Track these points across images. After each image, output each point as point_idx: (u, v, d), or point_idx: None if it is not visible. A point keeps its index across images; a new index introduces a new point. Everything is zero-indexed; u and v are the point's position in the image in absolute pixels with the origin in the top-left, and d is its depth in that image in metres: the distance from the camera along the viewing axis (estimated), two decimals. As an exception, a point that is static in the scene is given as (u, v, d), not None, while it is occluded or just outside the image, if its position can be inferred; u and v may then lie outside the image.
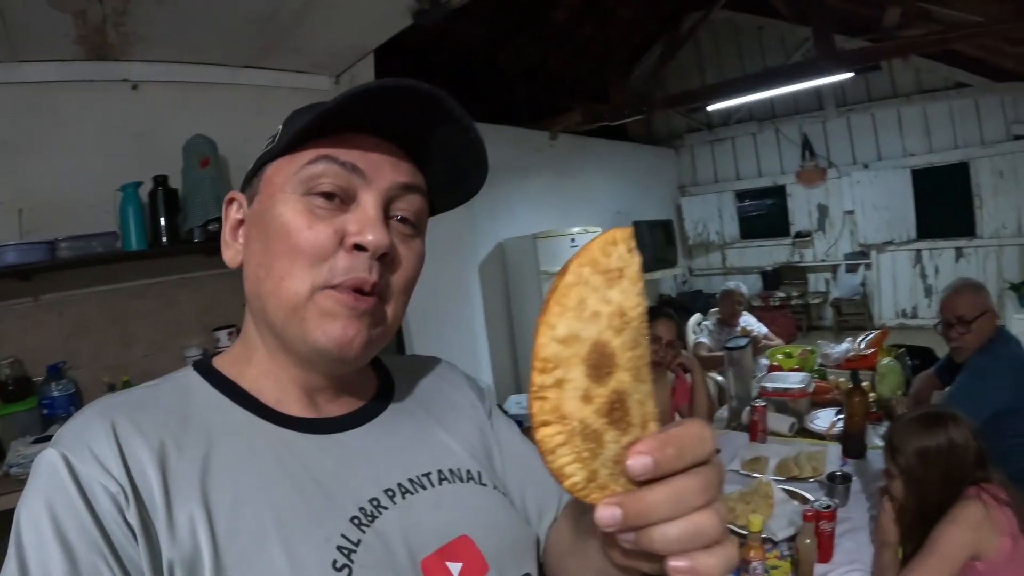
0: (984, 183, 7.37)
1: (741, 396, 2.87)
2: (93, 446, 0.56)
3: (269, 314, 0.64)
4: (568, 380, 0.38)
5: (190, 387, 0.66)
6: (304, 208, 0.62)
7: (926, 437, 1.61)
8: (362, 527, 0.61)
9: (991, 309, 2.40)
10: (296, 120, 0.65)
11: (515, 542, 0.70)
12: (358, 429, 0.69)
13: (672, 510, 0.38)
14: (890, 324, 8.05)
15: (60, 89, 2.73)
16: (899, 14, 5.97)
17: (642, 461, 0.37)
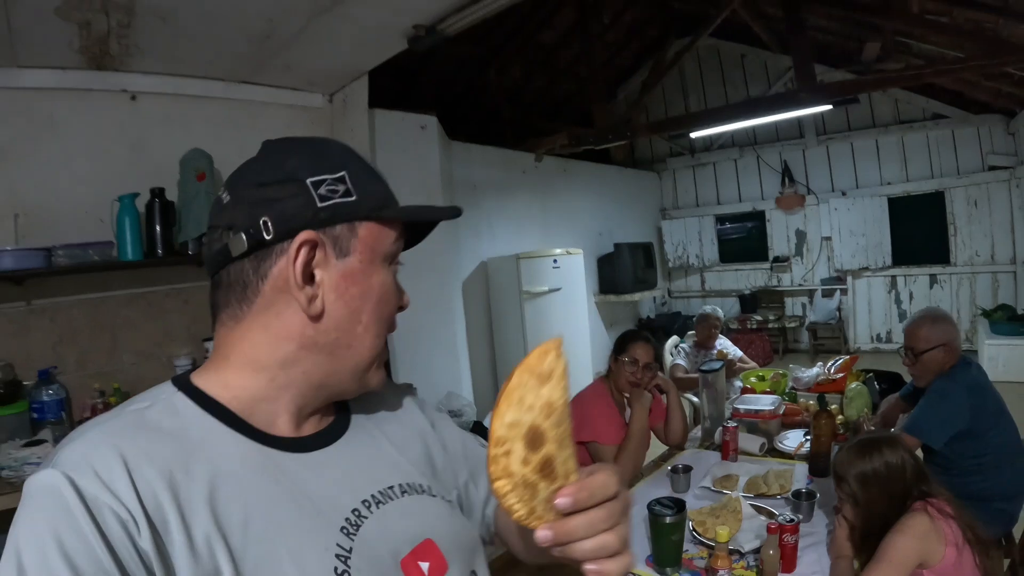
0: (959, 212, 7.58)
1: (714, 417, 2.95)
2: (100, 470, 0.57)
3: (348, 359, 0.74)
4: (513, 451, 0.56)
5: (179, 409, 0.68)
6: (393, 279, 0.77)
7: (863, 463, 1.72)
8: (351, 535, 0.68)
9: (948, 343, 2.48)
10: (364, 178, 0.75)
11: (465, 543, 0.81)
12: (330, 447, 0.76)
13: (585, 532, 0.57)
14: (865, 348, 8.23)
15: (58, 96, 2.78)
16: (878, 48, 6.16)
17: (565, 501, 0.56)
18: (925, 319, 2.58)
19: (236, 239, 0.69)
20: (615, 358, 2.74)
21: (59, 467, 0.57)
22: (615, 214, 8.54)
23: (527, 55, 6.98)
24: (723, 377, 3.10)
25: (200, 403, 0.69)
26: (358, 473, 0.76)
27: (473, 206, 5.88)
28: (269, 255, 0.70)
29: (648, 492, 2.33)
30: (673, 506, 1.79)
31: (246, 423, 0.69)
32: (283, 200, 0.69)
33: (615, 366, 2.74)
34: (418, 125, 4.46)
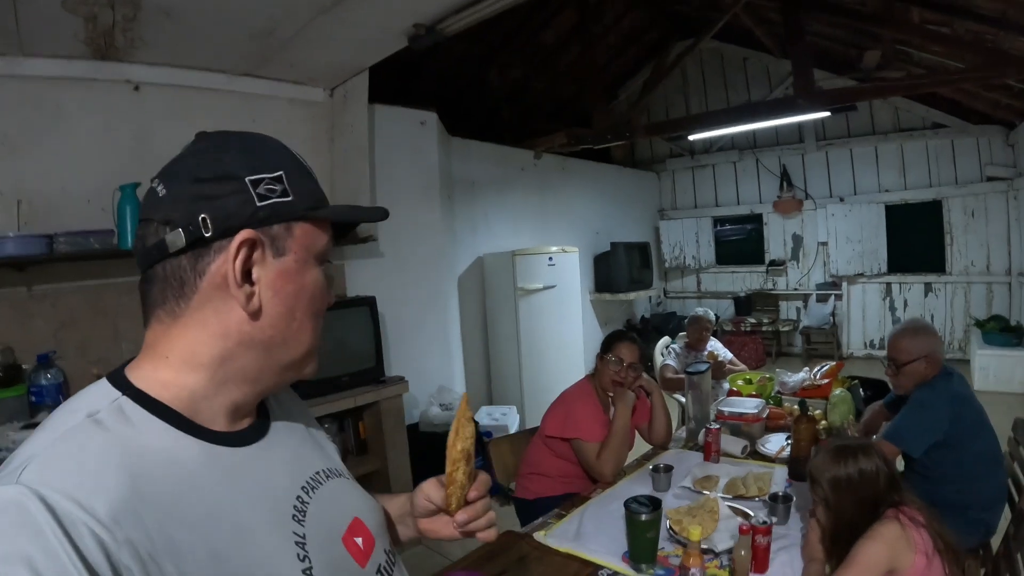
0: (956, 221, 7.58)
1: (699, 418, 2.99)
2: (68, 485, 0.56)
3: (284, 354, 0.76)
4: (460, 467, 0.92)
5: (127, 414, 0.66)
6: (323, 277, 0.79)
7: (837, 468, 1.75)
8: (301, 522, 0.74)
9: (929, 355, 2.47)
10: (300, 179, 0.76)
11: (380, 517, 0.93)
12: (264, 440, 0.79)
13: (482, 512, 0.94)
14: (858, 354, 8.26)
15: (63, 85, 2.82)
16: (879, 56, 6.18)
17: (475, 495, 0.94)
18: (907, 331, 2.59)
19: (174, 235, 0.68)
20: (600, 357, 2.78)
21: (24, 483, 0.55)
22: (613, 213, 8.54)
23: (527, 55, 6.97)
24: (708, 379, 3.15)
25: (145, 406, 0.68)
26: (293, 461, 0.81)
27: (471, 202, 5.91)
28: (207, 252, 0.70)
29: (629, 489, 2.37)
30: (649, 504, 1.84)
31: (192, 423, 0.70)
32: (222, 198, 0.69)
33: (600, 365, 2.78)
34: (418, 121, 4.50)
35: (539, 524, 2.15)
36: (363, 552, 0.81)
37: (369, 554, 0.82)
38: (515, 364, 5.78)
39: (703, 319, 4.46)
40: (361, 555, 0.81)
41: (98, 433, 0.62)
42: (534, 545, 1.99)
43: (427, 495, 0.96)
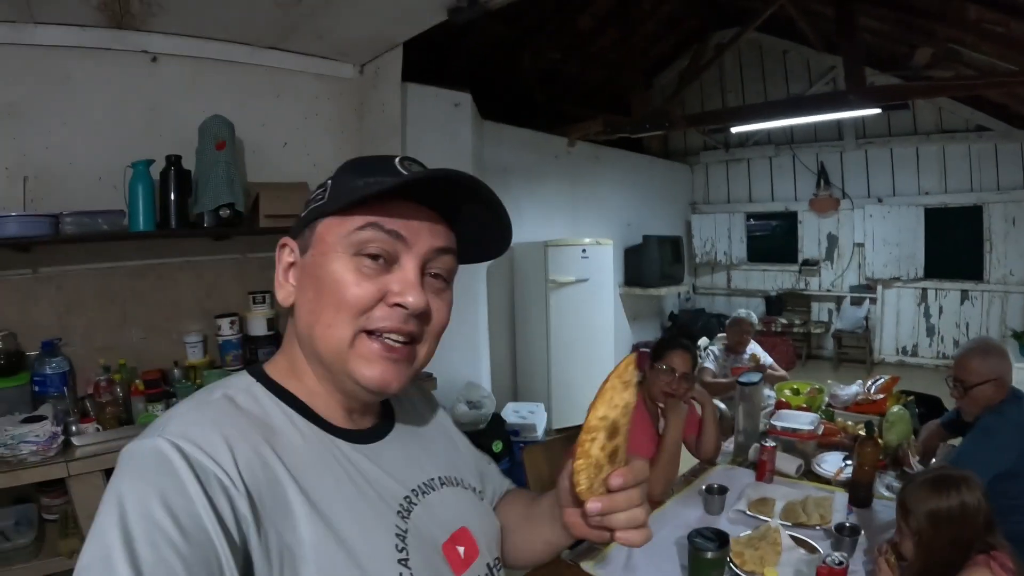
0: (996, 228, 7.36)
1: (749, 431, 2.80)
2: (203, 443, 0.62)
3: (319, 352, 0.75)
4: (597, 439, 0.70)
5: (258, 398, 0.74)
6: (353, 267, 0.73)
7: (937, 499, 1.57)
8: (405, 519, 0.76)
9: (999, 377, 2.32)
10: (347, 179, 0.77)
11: (492, 531, 0.91)
12: (383, 441, 0.83)
13: (624, 506, 0.70)
14: (890, 360, 8.05)
15: (75, 55, 2.65)
16: (930, 54, 5.93)
17: (619, 481, 0.70)
18: (976, 351, 2.41)
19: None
20: (651, 365, 2.57)
21: (163, 435, 0.62)
22: (645, 205, 8.38)
23: (563, 39, 6.79)
24: (761, 391, 2.95)
25: (275, 393, 0.76)
26: (406, 465, 0.83)
27: (503, 189, 5.71)
28: None
29: (680, 511, 2.22)
30: (715, 539, 1.65)
31: (314, 413, 0.76)
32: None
33: (650, 373, 2.57)
34: (452, 102, 4.31)
35: (586, 551, 1.95)
36: (462, 562, 0.81)
37: (468, 565, 0.82)
38: (543, 360, 5.64)
39: (745, 321, 4.26)
40: (460, 564, 0.81)
41: (231, 407, 0.71)
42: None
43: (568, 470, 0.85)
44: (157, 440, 0.61)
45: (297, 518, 0.65)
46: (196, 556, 0.56)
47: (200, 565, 0.56)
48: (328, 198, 0.76)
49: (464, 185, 0.75)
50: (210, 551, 0.57)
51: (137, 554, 0.53)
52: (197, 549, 0.56)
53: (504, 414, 4.73)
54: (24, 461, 2.15)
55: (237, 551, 0.60)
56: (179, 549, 0.55)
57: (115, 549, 0.54)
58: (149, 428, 0.66)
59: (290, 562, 0.63)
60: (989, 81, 5.03)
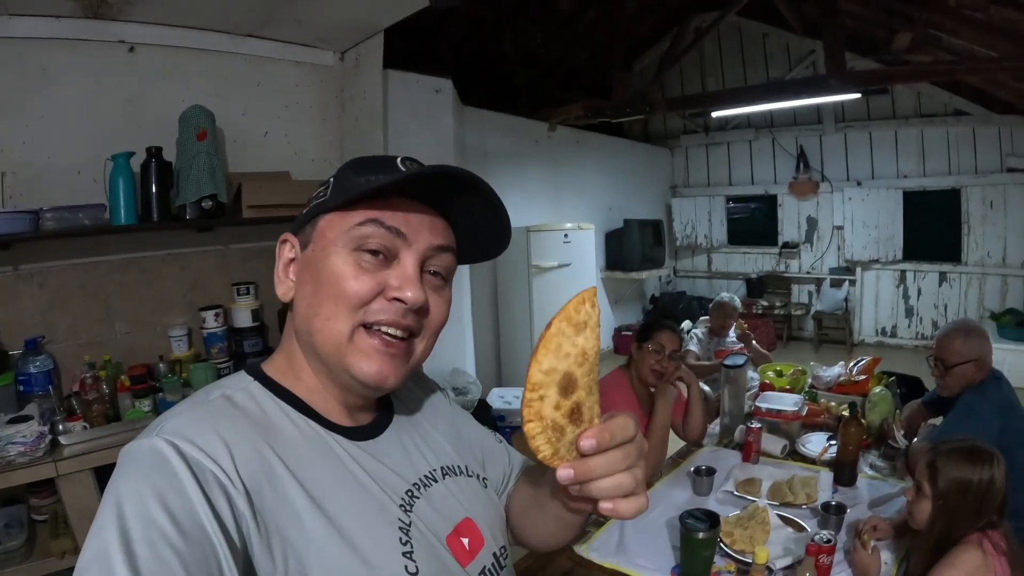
0: (974, 211, 7.43)
1: (734, 413, 2.83)
2: (201, 443, 0.62)
3: (317, 346, 0.75)
4: (546, 396, 0.58)
5: (257, 397, 0.75)
6: (353, 261, 0.74)
7: (971, 469, 1.58)
8: (408, 513, 0.76)
9: (980, 358, 2.37)
10: (349, 176, 0.77)
11: (497, 520, 0.91)
12: (382, 435, 0.83)
13: (604, 471, 0.59)
14: (869, 341, 8.16)
15: (50, 47, 2.59)
16: (909, 39, 5.97)
17: (588, 443, 0.58)
18: (958, 331, 2.45)
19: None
20: (638, 346, 2.59)
21: (161, 435, 0.62)
22: (626, 189, 8.40)
23: (544, 20, 6.75)
24: (746, 373, 2.97)
25: (273, 391, 0.76)
26: (407, 459, 0.83)
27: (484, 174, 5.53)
28: None
29: (668, 493, 2.25)
30: (706, 519, 1.68)
31: (312, 410, 0.77)
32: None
33: (638, 355, 2.59)
34: (433, 88, 4.28)
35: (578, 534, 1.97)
36: (468, 553, 0.82)
37: (474, 555, 0.82)
38: (527, 345, 5.65)
39: (728, 305, 4.28)
40: (465, 555, 0.81)
41: (229, 407, 0.71)
42: (577, 560, 1.82)
43: None
44: (154, 440, 0.61)
45: (300, 515, 0.66)
46: (194, 555, 0.55)
47: (198, 564, 0.55)
48: (330, 195, 0.77)
49: (464, 182, 0.75)
50: (208, 550, 0.57)
51: (135, 554, 0.53)
52: (195, 548, 0.56)
53: (490, 399, 4.74)
54: (12, 462, 2.14)
55: (236, 550, 0.59)
56: (177, 548, 0.55)
57: (113, 549, 0.53)
58: (147, 428, 0.66)
59: (295, 559, 0.63)
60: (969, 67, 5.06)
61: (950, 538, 1.58)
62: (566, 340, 0.58)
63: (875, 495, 2.21)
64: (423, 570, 0.73)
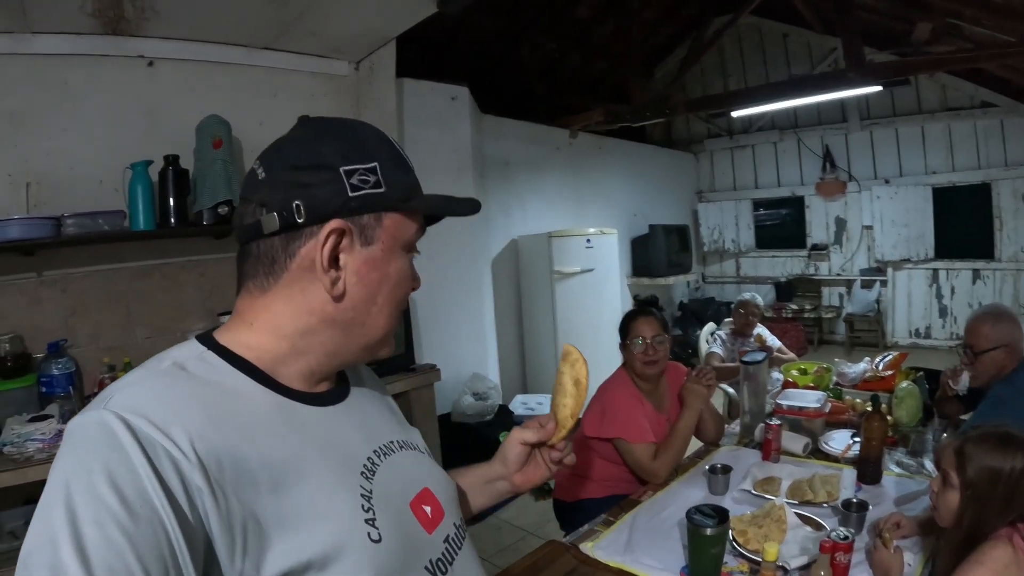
0: (1005, 205, 7.26)
1: (754, 412, 2.77)
2: (152, 415, 0.60)
3: (366, 335, 0.81)
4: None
5: (211, 364, 0.73)
6: (409, 265, 0.83)
7: (1001, 457, 1.49)
8: (369, 479, 0.77)
9: (1010, 343, 2.29)
10: (395, 172, 0.79)
11: (452, 493, 0.93)
12: (341, 404, 0.83)
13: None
14: (903, 343, 7.96)
15: (72, 62, 2.69)
16: (929, 29, 5.87)
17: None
18: (987, 316, 2.38)
19: (268, 218, 0.74)
20: (622, 344, 2.58)
21: (108, 408, 0.60)
22: (650, 195, 8.35)
23: (561, 30, 6.76)
24: (765, 369, 2.91)
25: (227, 359, 0.74)
26: (366, 427, 0.85)
27: (504, 182, 5.76)
28: (299, 236, 0.75)
29: (683, 493, 2.19)
30: (715, 515, 1.63)
31: (270, 378, 0.75)
32: (316, 186, 0.74)
33: (625, 353, 2.57)
34: (449, 96, 4.31)
35: (586, 532, 1.95)
36: (431, 520, 0.83)
37: (437, 523, 0.84)
38: (551, 351, 5.62)
39: (750, 304, 4.23)
40: (429, 523, 0.83)
41: (181, 375, 0.69)
42: (582, 558, 1.79)
43: (520, 439, 1.08)
44: (102, 413, 0.60)
45: (259, 484, 0.64)
46: (144, 533, 0.54)
47: (149, 544, 0.54)
48: (386, 187, 0.78)
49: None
50: (159, 528, 0.56)
51: (82, 534, 0.52)
52: (145, 526, 0.55)
53: (512, 406, 4.73)
54: (31, 459, 2.19)
55: (190, 527, 0.58)
56: (125, 527, 0.54)
57: (60, 530, 0.53)
58: (95, 400, 0.64)
59: (255, 529, 0.63)
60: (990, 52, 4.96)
61: (979, 533, 1.49)
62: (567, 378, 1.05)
63: (901, 493, 2.14)
64: (386, 536, 0.73)
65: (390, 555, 0.72)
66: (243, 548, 0.62)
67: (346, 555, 0.68)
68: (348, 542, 0.69)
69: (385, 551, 0.72)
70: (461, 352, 4.41)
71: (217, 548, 0.61)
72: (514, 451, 1.08)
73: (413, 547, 0.78)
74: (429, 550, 0.81)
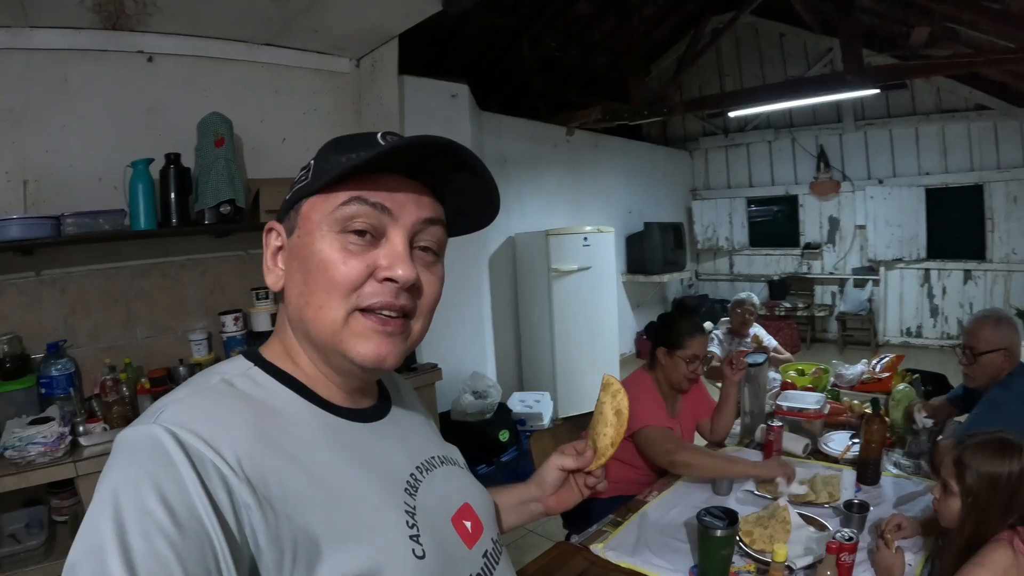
0: (997, 207, 7.32)
1: (755, 413, 2.79)
2: (201, 431, 0.60)
3: (312, 335, 0.74)
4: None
5: (259, 381, 0.73)
6: (340, 245, 0.72)
7: (999, 463, 1.51)
8: (413, 495, 0.77)
9: (1009, 347, 2.30)
10: (329, 157, 0.75)
11: (490, 508, 0.93)
12: (384, 420, 0.84)
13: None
14: (894, 342, 8.02)
15: (72, 58, 2.66)
16: (927, 33, 5.91)
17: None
18: (988, 319, 2.40)
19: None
20: (669, 352, 2.48)
21: (159, 422, 0.60)
22: (645, 192, 8.39)
23: (561, 27, 6.76)
24: (766, 371, 2.93)
25: (274, 375, 0.75)
26: (408, 443, 0.85)
27: (502, 179, 5.72)
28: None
29: (689, 493, 2.21)
30: (724, 517, 1.64)
31: (315, 394, 0.76)
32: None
33: (668, 361, 2.48)
34: (449, 93, 4.31)
35: (595, 533, 1.95)
36: (471, 535, 0.83)
37: (477, 538, 0.84)
38: (548, 349, 5.63)
39: (747, 303, 4.24)
40: (469, 537, 0.83)
41: (230, 392, 0.70)
42: (592, 559, 1.80)
43: (559, 465, 1.07)
44: (153, 427, 0.59)
45: (308, 501, 0.64)
46: (191, 549, 0.54)
47: (195, 558, 0.54)
48: (311, 177, 0.75)
49: (445, 151, 0.73)
50: (206, 544, 0.55)
51: (130, 546, 0.52)
52: (192, 542, 0.54)
53: (510, 404, 4.73)
54: (32, 462, 2.17)
55: (236, 543, 0.58)
56: (173, 541, 0.53)
57: (108, 541, 0.52)
58: (144, 414, 0.64)
59: (305, 545, 0.62)
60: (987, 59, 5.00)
61: (981, 537, 1.51)
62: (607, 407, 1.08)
63: (899, 494, 2.16)
64: (430, 552, 0.72)
65: (433, 571, 0.72)
66: (292, 565, 0.61)
67: (391, 571, 0.68)
68: (393, 559, 0.69)
69: (429, 567, 0.71)
70: (460, 350, 4.41)
71: (264, 565, 0.60)
72: (551, 475, 1.09)
73: (454, 562, 0.78)
74: (469, 565, 0.80)
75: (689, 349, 2.44)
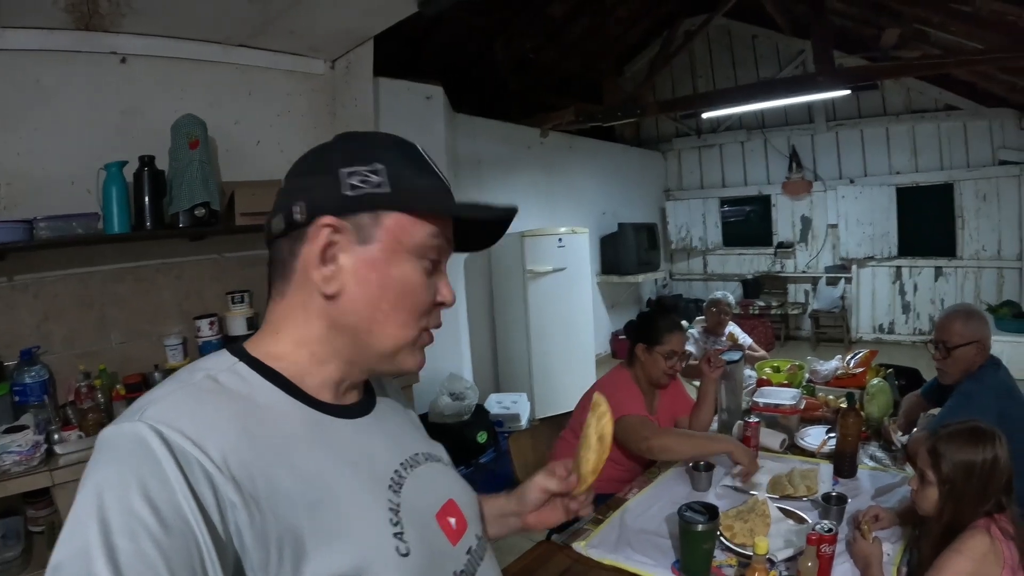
0: (967, 205, 7.47)
1: (732, 409, 2.83)
2: (186, 428, 0.60)
3: (374, 344, 0.78)
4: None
5: (244, 376, 0.72)
6: (422, 270, 0.78)
7: (973, 450, 1.55)
8: (397, 492, 0.77)
9: (980, 340, 2.37)
10: (406, 172, 0.77)
11: (475, 505, 0.94)
12: (369, 416, 0.84)
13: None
14: (867, 338, 8.15)
15: (44, 59, 2.60)
16: (897, 35, 6.01)
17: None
18: (959, 314, 2.45)
19: (276, 220, 0.77)
20: (648, 349, 2.53)
21: (145, 420, 0.59)
22: (619, 193, 8.43)
23: (535, 28, 6.78)
24: (742, 368, 2.97)
25: (259, 371, 0.74)
26: (393, 439, 0.85)
27: (477, 181, 5.75)
28: (301, 237, 0.75)
29: (668, 489, 2.22)
30: (705, 512, 1.66)
31: (300, 390, 0.75)
32: (316, 188, 0.75)
33: (647, 357, 2.53)
34: (424, 95, 4.31)
35: (576, 531, 1.96)
36: (455, 532, 0.84)
37: (461, 535, 0.85)
38: (524, 350, 5.63)
39: (722, 303, 4.28)
40: (453, 534, 0.83)
41: (215, 387, 0.69)
42: (574, 557, 1.81)
43: (542, 486, 1.07)
44: (137, 425, 0.59)
45: (293, 499, 0.64)
46: (176, 547, 0.54)
47: (180, 558, 0.54)
48: (391, 188, 0.75)
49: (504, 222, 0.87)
50: (191, 542, 0.55)
51: (115, 546, 0.52)
52: (177, 541, 0.54)
53: (488, 405, 4.74)
54: (7, 472, 2.13)
55: (221, 542, 0.58)
56: (159, 541, 0.53)
57: (93, 542, 0.52)
58: (128, 411, 0.64)
59: (291, 543, 0.62)
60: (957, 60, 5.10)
61: (958, 524, 1.54)
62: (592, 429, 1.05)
63: (876, 486, 2.20)
64: (414, 550, 0.73)
65: (418, 568, 0.73)
66: (278, 563, 0.62)
67: (375, 569, 0.68)
68: (377, 556, 0.69)
69: (413, 564, 0.72)
70: (436, 352, 4.36)
71: (248, 563, 0.60)
72: (533, 495, 1.08)
73: (439, 559, 0.79)
74: (453, 562, 0.81)
75: (667, 345, 2.49)
